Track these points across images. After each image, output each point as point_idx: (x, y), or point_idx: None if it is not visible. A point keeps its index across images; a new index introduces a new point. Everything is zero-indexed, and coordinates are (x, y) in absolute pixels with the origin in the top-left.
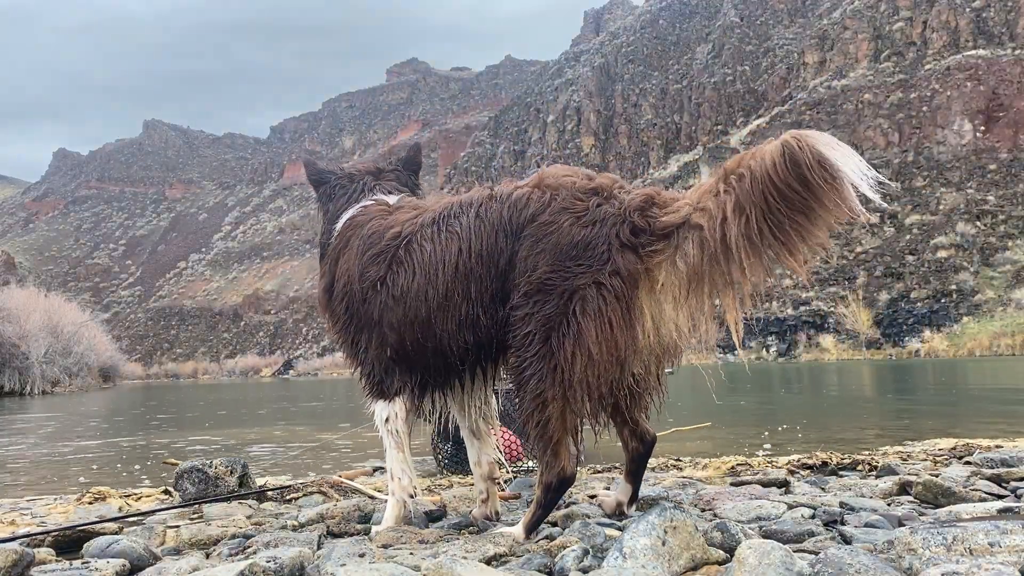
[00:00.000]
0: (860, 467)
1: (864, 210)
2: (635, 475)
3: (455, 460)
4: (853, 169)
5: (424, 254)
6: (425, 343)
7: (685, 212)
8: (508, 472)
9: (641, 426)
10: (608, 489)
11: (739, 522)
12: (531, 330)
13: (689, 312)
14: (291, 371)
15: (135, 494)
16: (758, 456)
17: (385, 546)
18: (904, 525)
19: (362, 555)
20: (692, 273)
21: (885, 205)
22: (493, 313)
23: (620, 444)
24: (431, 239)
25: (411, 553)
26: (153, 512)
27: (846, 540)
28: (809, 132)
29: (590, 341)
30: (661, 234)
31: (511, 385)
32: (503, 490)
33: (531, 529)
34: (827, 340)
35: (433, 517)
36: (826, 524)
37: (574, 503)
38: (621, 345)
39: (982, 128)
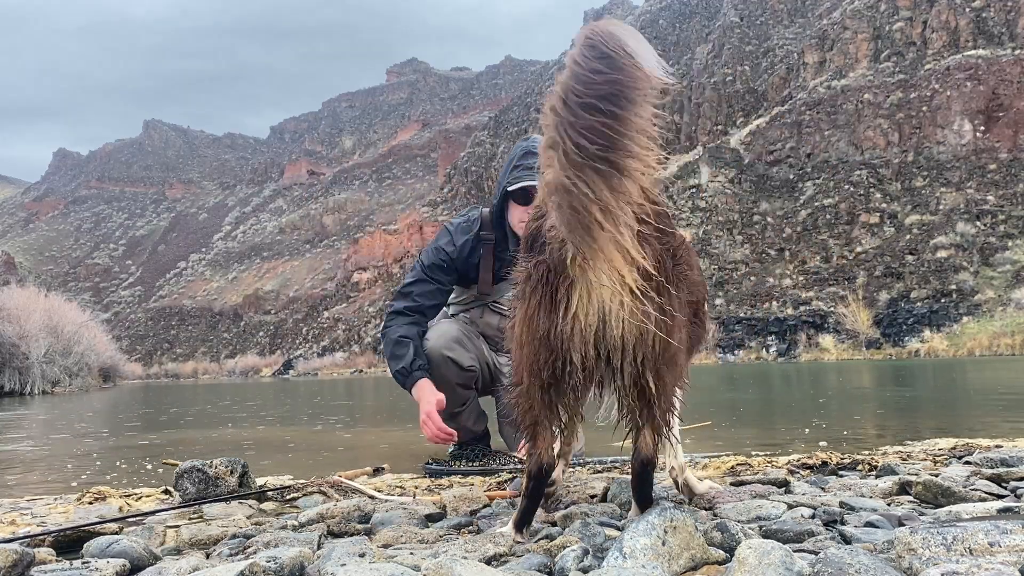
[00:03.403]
0: (860, 467)
1: (662, 77)
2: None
3: (456, 457)
4: (648, 52)
5: None
6: None
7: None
8: (508, 472)
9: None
10: (608, 489)
11: (739, 522)
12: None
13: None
14: (291, 371)
15: (135, 494)
16: (758, 456)
17: (385, 546)
18: (904, 525)
19: (362, 555)
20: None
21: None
22: None
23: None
24: None
25: (411, 553)
26: (153, 512)
27: (846, 540)
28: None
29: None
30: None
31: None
32: (503, 488)
33: (520, 523)
34: (827, 340)
35: (433, 517)
36: (826, 524)
37: (574, 503)
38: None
39: (982, 128)
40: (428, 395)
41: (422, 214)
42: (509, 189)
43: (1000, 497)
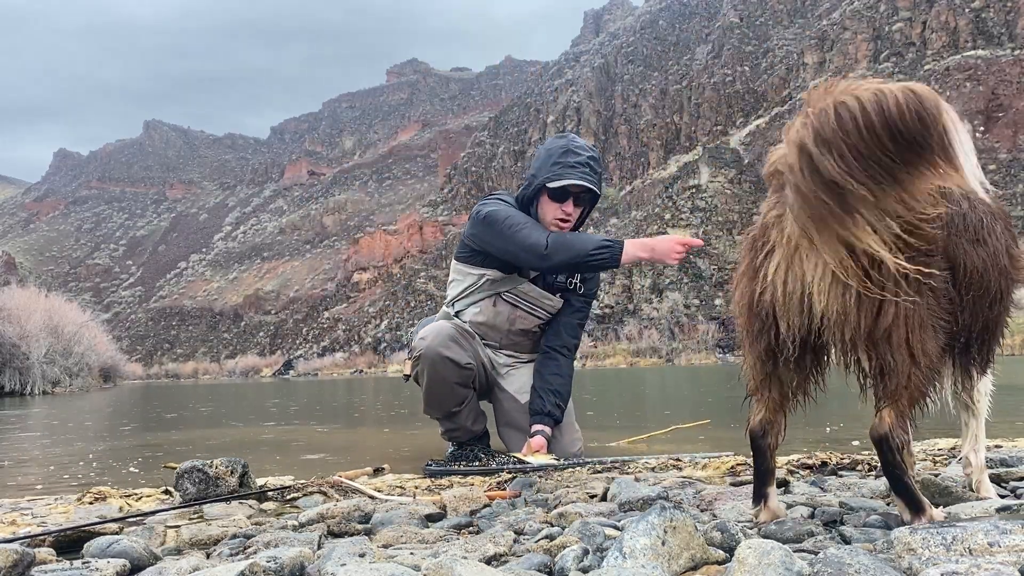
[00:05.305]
0: (860, 467)
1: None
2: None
3: (455, 457)
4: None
5: None
6: None
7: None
8: (509, 473)
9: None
10: (608, 489)
11: (739, 522)
12: None
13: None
14: (291, 371)
15: (135, 494)
16: None
17: (385, 546)
18: (904, 525)
19: (362, 555)
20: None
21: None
22: None
23: None
24: None
25: (411, 553)
26: (154, 512)
27: (845, 540)
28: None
29: None
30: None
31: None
32: (503, 488)
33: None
34: None
35: (433, 517)
36: (826, 524)
37: (571, 502)
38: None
39: (982, 128)
40: (651, 238)
41: (422, 214)
42: (550, 185)
43: (1000, 497)
